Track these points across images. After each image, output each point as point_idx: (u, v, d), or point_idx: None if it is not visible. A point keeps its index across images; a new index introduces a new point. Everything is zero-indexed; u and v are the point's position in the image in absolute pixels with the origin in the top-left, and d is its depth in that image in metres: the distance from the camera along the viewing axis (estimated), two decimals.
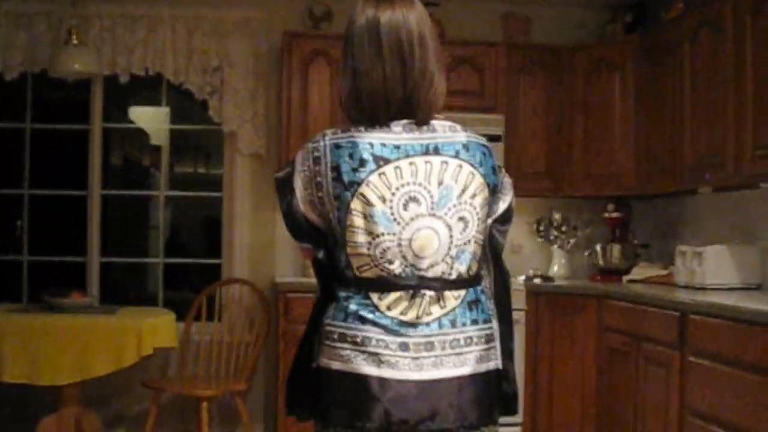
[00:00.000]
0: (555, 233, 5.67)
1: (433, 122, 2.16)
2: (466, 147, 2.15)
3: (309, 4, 5.57)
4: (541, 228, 5.71)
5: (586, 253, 5.62)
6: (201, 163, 8.65)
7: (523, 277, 5.35)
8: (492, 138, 5.14)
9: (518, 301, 4.98)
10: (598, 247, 5.51)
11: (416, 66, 2.10)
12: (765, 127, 3.90)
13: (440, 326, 2.08)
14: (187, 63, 5.45)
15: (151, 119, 7.04)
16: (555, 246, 5.68)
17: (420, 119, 2.13)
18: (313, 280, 2.24)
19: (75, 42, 5.03)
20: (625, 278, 5.21)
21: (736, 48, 4.10)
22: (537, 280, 5.28)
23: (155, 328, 4.65)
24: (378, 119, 2.11)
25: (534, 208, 5.74)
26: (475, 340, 2.12)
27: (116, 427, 5.39)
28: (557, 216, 5.66)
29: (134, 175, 7.97)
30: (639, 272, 5.17)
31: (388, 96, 2.10)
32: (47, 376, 4.41)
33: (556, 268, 5.65)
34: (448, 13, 5.54)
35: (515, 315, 4.86)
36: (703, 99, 4.44)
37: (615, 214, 5.52)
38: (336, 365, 2.08)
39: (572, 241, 5.67)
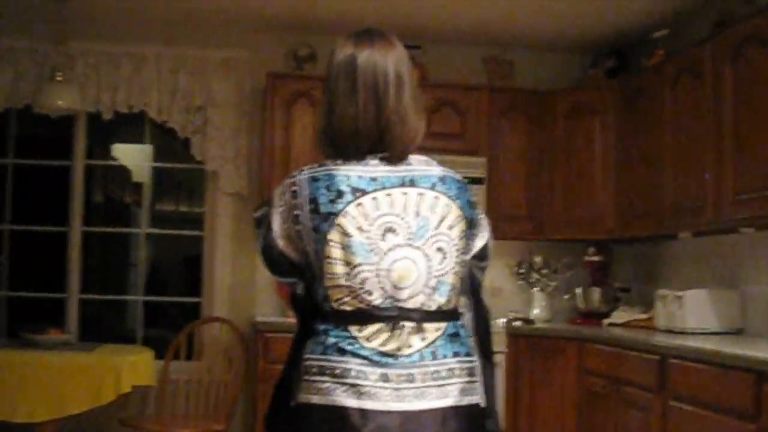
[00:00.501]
0: (535, 276, 5.68)
1: (409, 157, 2.18)
2: (442, 180, 2.17)
3: (293, 46, 5.61)
4: (522, 271, 5.73)
5: (567, 297, 5.64)
6: (183, 201, 8.64)
7: (503, 320, 5.35)
8: (474, 180, 5.24)
9: (498, 343, 4.97)
10: (578, 291, 5.52)
11: (390, 105, 2.12)
12: (745, 173, 3.94)
13: (421, 358, 2.06)
14: (170, 101, 5.47)
15: (133, 156, 7.05)
16: (535, 289, 5.69)
17: (393, 156, 2.14)
18: (293, 320, 2.22)
19: (59, 78, 5.03)
20: (605, 322, 5.22)
21: (715, 94, 4.16)
22: (517, 323, 5.28)
23: (134, 366, 4.61)
24: (350, 155, 2.13)
25: (515, 250, 5.75)
26: (456, 372, 2.10)
27: None
28: (538, 259, 5.68)
29: (116, 212, 7.95)
30: (619, 316, 5.18)
31: (360, 133, 2.12)
32: (23, 413, 4.34)
33: (536, 310, 5.65)
34: (430, 56, 5.60)
35: (495, 357, 4.89)
36: (683, 144, 4.48)
37: (595, 258, 5.54)
38: (315, 399, 2.05)
39: (553, 284, 5.68)
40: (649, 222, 4.87)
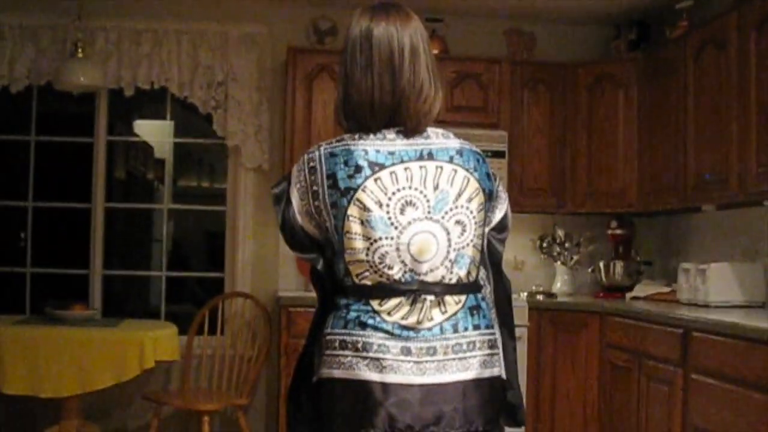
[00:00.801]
0: (558, 250, 5.67)
1: (427, 129, 2.18)
2: (459, 152, 2.17)
3: (313, 19, 5.59)
4: (544, 244, 5.71)
5: (589, 270, 5.62)
6: (204, 177, 8.68)
7: (525, 294, 5.35)
8: (496, 154, 5.22)
9: (521, 317, 4.97)
10: (601, 264, 5.50)
11: (405, 76, 2.13)
12: None
13: (442, 331, 2.08)
14: (191, 77, 5.46)
15: (155, 133, 7.07)
16: (558, 262, 5.68)
17: (409, 128, 2.14)
18: (315, 295, 2.24)
19: (80, 55, 5.04)
20: (627, 295, 5.20)
21: (740, 65, 4.12)
22: (540, 297, 5.28)
23: (157, 342, 4.65)
24: (367, 127, 2.14)
25: (537, 224, 5.74)
26: (478, 345, 2.11)
27: None
28: (560, 232, 5.66)
29: (138, 189, 7.99)
30: (642, 289, 5.16)
31: (375, 104, 2.13)
32: (49, 388, 4.40)
33: (558, 284, 5.64)
34: (452, 29, 5.57)
35: (518, 331, 4.86)
36: (706, 116, 4.44)
37: (618, 231, 5.52)
38: (337, 373, 2.06)
39: (575, 257, 5.66)
40: (672, 195, 4.83)
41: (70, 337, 4.53)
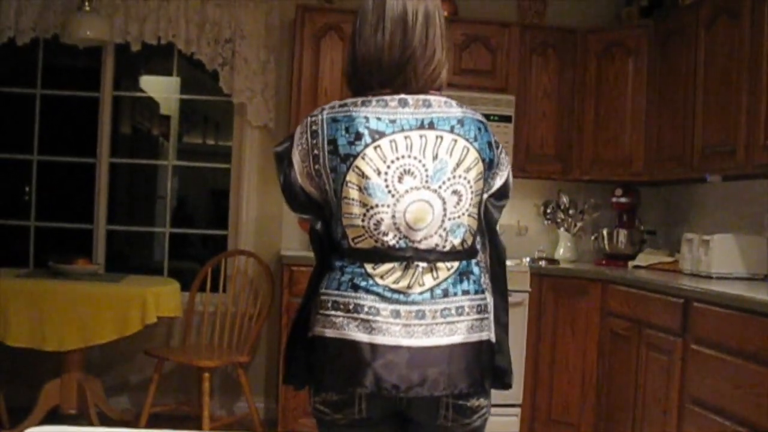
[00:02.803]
0: (562, 216, 5.66)
1: (429, 97, 2.18)
2: (461, 122, 2.18)
3: None
4: (548, 210, 5.70)
5: (593, 238, 5.62)
6: (210, 134, 8.66)
7: (528, 259, 5.35)
8: (502, 118, 5.20)
9: (522, 282, 4.98)
10: (604, 232, 5.50)
11: (417, 36, 2.15)
12: None
13: (432, 296, 2.11)
14: (198, 33, 5.43)
15: (161, 89, 7.04)
16: (561, 229, 5.68)
17: (413, 89, 2.16)
18: None
19: (87, 9, 5.01)
20: (630, 264, 5.21)
21: (752, 36, 4.08)
22: (542, 263, 5.28)
23: (160, 297, 4.67)
24: (370, 85, 2.17)
25: (542, 190, 5.73)
26: (467, 310, 2.15)
27: (118, 394, 5.42)
28: (565, 199, 5.65)
29: (143, 144, 7.98)
30: (644, 258, 5.17)
31: (384, 60, 2.15)
32: (52, 341, 4.43)
33: (561, 251, 5.64)
34: None
35: (519, 297, 4.91)
36: (716, 87, 4.41)
37: (623, 200, 5.51)
38: (329, 332, 2.12)
39: (579, 224, 5.66)
40: (678, 165, 4.82)
41: (73, 292, 4.55)
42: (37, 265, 5.47)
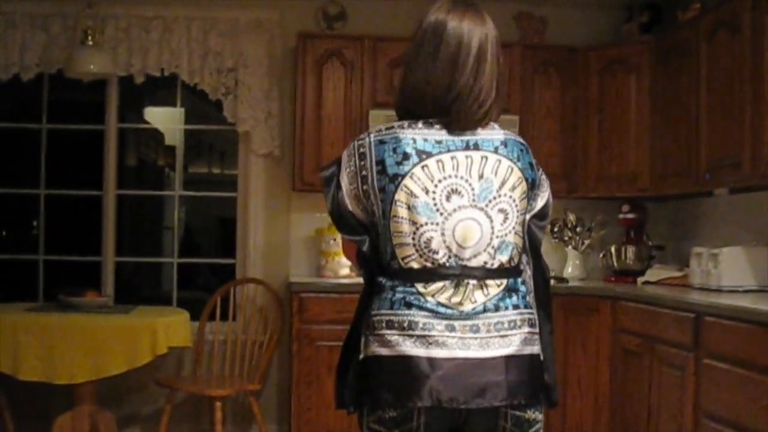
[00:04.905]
0: (569, 234, 5.65)
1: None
2: (504, 143, 2.22)
3: (323, 4, 5.57)
4: (556, 229, 5.69)
5: (601, 255, 5.60)
6: (215, 164, 8.70)
7: None
8: None
9: None
10: (612, 249, 5.49)
11: (464, 78, 2.17)
12: None
13: (484, 310, 2.13)
14: (201, 63, 5.46)
15: (165, 120, 7.09)
16: (569, 247, 5.66)
17: (455, 128, 2.18)
18: (328, 281, 2.27)
19: (90, 43, 5.05)
20: (639, 280, 5.19)
21: (753, 48, 4.08)
22: (551, 281, 5.26)
23: (169, 328, 4.67)
24: (417, 116, 2.20)
25: None
26: (518, 323, 2.16)
27: (130, 425, 5.41)
28: (572, 217, 5.64)
29: (149, 176, 8.02)
30: (654, 274, 5.15)
31: (428, 98, 2.18)
32: (63, 375, 4.43)
33: (570, 269, 5.63)
34: None
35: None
36: (719, 100, 4.42)
37: (630, 216, 5.50)
38: (384, 351, 2.13)
39: (586, 242, 5.65)
40: (684, 179, 4.81)
41: (83, 324, 4.56)
42: (47, 298, 5.48)
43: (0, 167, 6.02)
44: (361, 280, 2.33)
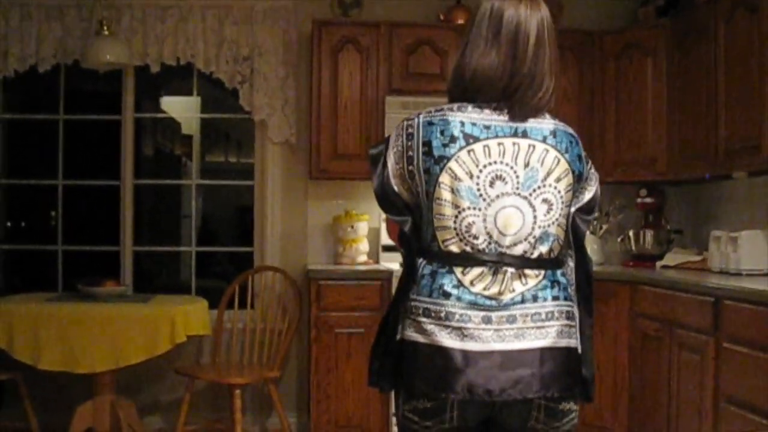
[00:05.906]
0: None
1: None
2: (553, 133, 2.21)
3: None
4: None
5: (619, 239, 5.59)
6: (232, 152, 8.71)
7: None
8: None
9: None
10: (630, 233, 5.47)
11: (527, 64, 2.17)
12: None
13: (522, 300, 2.13)
14: (217, 52, 5.47)
15: (182, 109, 7.09)
16: (587, 232, 5.63)
17: (513, 115, 2.17)
18: (346, 268, 2.25)
19: (106, 33, 5.06)
20: (658, 264, 5.17)
21: None
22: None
23: (188, 316, 4.69)
24: (471, 99, 2.19)
25: None
26: (556, 314, 2.16)
27: (150, 413, 5.44)
28: None
29: (166, 165, 8.04)
30: (672, 258, 5.13)
31: (491, 85, 2.17)
32: (83, 364, 4.45)
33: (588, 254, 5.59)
34: None
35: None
36: (737, 82, 4.38)
37: (648, 200, 5.47)
38: (420, 338, 2.14)
39: (605, 227, 5.63)
40: (702, 163, 4.78)
41: (103, 314, 4.58)
42: (66, 288, 5.51)
43: (18, 159, 6.05)
44: (378, 267, 2.34)
